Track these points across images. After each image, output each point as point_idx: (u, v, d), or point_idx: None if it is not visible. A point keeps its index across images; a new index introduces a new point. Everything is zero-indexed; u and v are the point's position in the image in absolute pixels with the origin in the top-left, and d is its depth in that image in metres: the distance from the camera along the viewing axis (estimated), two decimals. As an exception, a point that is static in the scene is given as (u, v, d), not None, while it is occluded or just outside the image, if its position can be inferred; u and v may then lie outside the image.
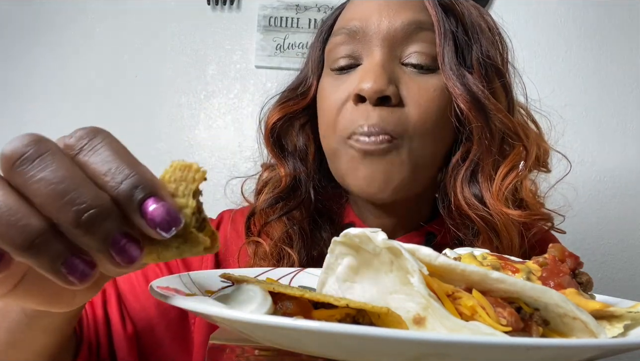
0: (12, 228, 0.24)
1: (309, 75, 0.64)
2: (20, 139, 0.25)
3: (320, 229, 0.62)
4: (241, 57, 1.33)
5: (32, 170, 0.24)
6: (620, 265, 1.21)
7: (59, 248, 0.24)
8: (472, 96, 0.53)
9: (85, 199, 0.24)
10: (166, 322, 0.59)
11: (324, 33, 0.63)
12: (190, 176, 0.28)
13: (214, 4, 1.33)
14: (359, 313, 0.31)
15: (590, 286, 0.37)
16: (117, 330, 0.55)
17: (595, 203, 1.23)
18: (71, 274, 0.24)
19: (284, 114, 0.63)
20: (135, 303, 0.58)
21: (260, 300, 0.30)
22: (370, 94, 0.52)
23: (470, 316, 0.29)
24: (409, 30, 0.54)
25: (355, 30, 0.56)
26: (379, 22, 0.55)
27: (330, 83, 0.58)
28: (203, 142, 1.32)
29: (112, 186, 0.25)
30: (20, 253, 0.24)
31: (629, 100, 1.25)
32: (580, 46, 1.27)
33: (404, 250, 0.30)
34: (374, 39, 0.55)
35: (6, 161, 0.25)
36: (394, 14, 0.55)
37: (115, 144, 0.27)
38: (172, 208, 0.26)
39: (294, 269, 0.50)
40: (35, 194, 0.24)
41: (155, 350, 0.59)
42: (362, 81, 0.53)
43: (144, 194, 0.25)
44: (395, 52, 0.55)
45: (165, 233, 0.26)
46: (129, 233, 0.25)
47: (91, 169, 0.26)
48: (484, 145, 0.54)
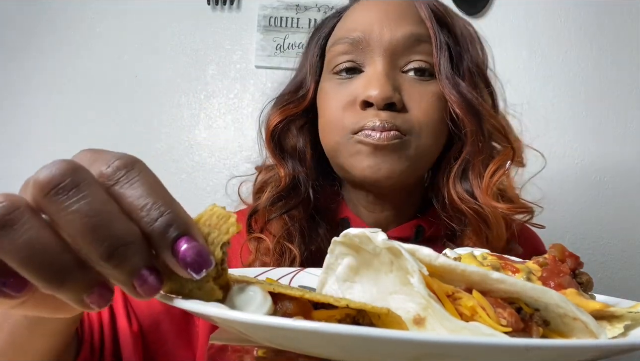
0: (44, 266, 0.24)
1: (306, 78, 0.67)
2: (56, 166, 0.25)
3: (318, 226, 0.65)
4: (241, 57, 1.33)
5: (67, 201, 0.24)
6: (620, 265, 1.21)
7: (84, 281, 0.25)
8: (467, 102, 0.58)
9: (117, 235, 0.24)
10: (170, 319, 0.60)
11: (322, 39, 0.67)
12: (225, 227, 0.28)
13: (214, 4, 1.33)
14: (359, 314, 0.31)
15: (590, 286, 0.37)
16: (123, 328, 0.56)
17: (595, 203, 1.23)
18: (93, 302, 0.25)
19: (284, 116, 0.66)
20: (140, 301, 0.58)
21: (260, 300, 0.29)
22: (377, 101, 0.56)
23: (470, 316, 0.29)
24: (409, 42, 0.59)
25: (358, 41, 0.60)
26: (380, 34, 0.59)
27: (332, 87, 0.62)
28: (203, 142, 1.32)
29: (147, 222, 0.25)
30: (49, 289, 0.24)
31: (629, 100, 1.25)
32: (580, 46, 1.27)
33: (404, 250, 0.30)
34: (377, 49, 0.59)
35: (41, 188, 0.24)
36: (394, 26, 0.59)
37: (152, 177, 0.27)
38: (204, 250, 0.26)
39: (294, 269, 0.50)
40: (68, 226, 0.24)
41: (160, 346, 0.59)
42: (369, 88, 0.57)
43: (178, 233, 0.26)
44: (396, 61, 0.59)
45: (196, 274, 0.26)
46: (154, 267, 0.26)
47: (127, 203, 0.26)
48: (477, 145, 0.60)
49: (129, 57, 1.35)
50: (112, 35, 1.35)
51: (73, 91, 1.35)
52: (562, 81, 1.27)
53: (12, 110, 1.35)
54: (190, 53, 1.34)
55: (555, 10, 1.28)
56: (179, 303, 0.29)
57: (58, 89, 1.35)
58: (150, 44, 1.35)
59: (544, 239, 0.81)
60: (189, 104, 1.33)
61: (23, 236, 0.24)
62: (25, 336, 0.39)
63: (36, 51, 1.36)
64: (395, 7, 0.61)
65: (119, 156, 0.27)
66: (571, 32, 1.27)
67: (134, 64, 1.34)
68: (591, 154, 1.25)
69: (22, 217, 0.24)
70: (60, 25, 1.36)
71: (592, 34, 1.27)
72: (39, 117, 1.35)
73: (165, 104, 1.33)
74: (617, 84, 1.25)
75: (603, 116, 1.25)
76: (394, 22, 0.59)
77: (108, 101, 1.34)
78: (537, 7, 1.28)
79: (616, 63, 1.26)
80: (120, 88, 1.34)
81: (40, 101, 1.35)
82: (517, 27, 1.29)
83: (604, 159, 1.24)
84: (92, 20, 1.36)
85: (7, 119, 1.35)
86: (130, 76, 1.34)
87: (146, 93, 1.33)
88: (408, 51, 0.59)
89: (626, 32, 1.26)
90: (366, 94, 0.57)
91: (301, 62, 0.70)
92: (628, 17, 1.26)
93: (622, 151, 1.24)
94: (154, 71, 1.34)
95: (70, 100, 1.34)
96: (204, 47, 1.34)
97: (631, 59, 1.25)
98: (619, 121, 1.25)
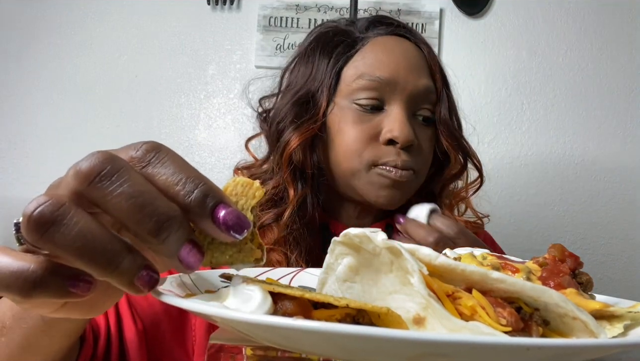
0: (99, 254, 0.25)
1: (319, 97, 0.70)
2: (95, 156, 0.26)
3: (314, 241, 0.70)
4: (241, 57, 1.33)
5: (111, 185, 0.26)
6: (620, 265, 1.21)
7: (133, 264, 0.26)
8: (459, 144, 0.73)
9: (162, 211, 0.26)
10: (169, 318, 0.62)
11: (340, 62, 0.70)
12: (250, 192, 0.30)
13: (214, 4, 1.33)
14: (359, 313, 0.31)
15: (590, 286, 0.37)
16: (128, 327, 0.58)
17: (595, 202, 1.23)
18: (143, 285, 0.26)
19: (303, 139, 0.68)
20: (142, 300, 0.60)
21: (260, 300, 0.29)
22: (403, 142, 0.66)
23: (470, 316, 0.29)
24: (425, 93, 0.69)
25: (387, 82, 0.67)
26: (406, 80, 0.68)
27: (354, 117, 0.68)
28: (203, 142, 1.32)
29: (184, 195, 0.27)
30: (105, 274, 0.26)
31: (629, 100, 1.25)
32: (580, 46, 1.27)
33: (404, 250, 0.30)
34: (400, 93, 0.68)
35: (85, 178, 0.26)
36: (417, 76, 0.69)
37: (178, 157, 0.29)
38: (241, 213, 0.28)
39: (294, 269, 0.50)
40: (115, 208, 0.26)
41: (159, 345, 0.61)
42: (395, 130, 0.66)
43: (215, 201, 0.27)
44: (412, 107, 0.69)
45: (239, 235, 0.28)
46: (195, 240, 0.27)
47: (162, 180, 0.27)
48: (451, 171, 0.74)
49: (129, 57, 1.35)
50: (112, 35, 1.35)
51: (73, 90, 1.35)
52: (562, 81, 1.27)
53: (13, 110, 1.35)
54: (190, 53, 1.34)
55: (555, 11, 1.28)
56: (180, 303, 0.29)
57: (58, 89, 1.35)
58: (150, 44, 1.35)
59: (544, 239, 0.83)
60: (189, 104, 1.34)
61: (74, 228, 0.25)
62: (40, 339, 0.40)
63: (36, 51, 1.36)
64: (415, 57, 0.71)
65: (144, 142, 0.29)
66: (571, 32, 1.27)
67: (134, 64, 1.34)
68: (591, 154, 1.25)
69: (69, 211, 0.25)
70: (61, 25, 1.36)
71: (592, 34, 1.27)
72: (40, 117, 1.35)
73: (165, 104, 1.33)
74: (617, 84, 1.25)
75: (603, 116, 1.25)
76: (416, 72, 0.69)
77: (108, 101, 1.34)
78: (537, 7, 1.28)
79: (616, 63, 1.26)
80: (120, 88, 1.34)
81: (40, 101, 1.35)
82: (517, 27, 1.29)
83: (604, 159, 1.24)
84: (92, 20, 1.36)
85: (8, 119, 1.35)
86: (130, 76, 1.34)
87: (146, 93, 1.33)
88: (422, 100, 0.69)
89: (626, 32, 1.26)
90: (393, 135, 0.66)
91: (304, 74, 0.72)
92: (628, 17, 1.26)
93: (622, 151, 1.24)
94: (154, 71, 1.34)
95: (71, 100, 1.34)
96: (204, 47, 1.34)
97: (631, 59, 1.25)
98: (619, 121, 1.25)
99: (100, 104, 1.33)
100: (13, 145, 1.34)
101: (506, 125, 1.27)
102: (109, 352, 0.55)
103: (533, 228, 1.23)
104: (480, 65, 1.29)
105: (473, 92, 1.26)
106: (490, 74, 1.29)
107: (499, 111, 1.28)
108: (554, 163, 1.25)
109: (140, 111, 1.33)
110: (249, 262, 0.30)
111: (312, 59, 0.72)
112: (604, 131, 1.25)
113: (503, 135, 1.27)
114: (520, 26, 1.29)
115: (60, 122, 1.33)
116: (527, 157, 1.27)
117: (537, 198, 1.25)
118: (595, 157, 1.24)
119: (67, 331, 0.41)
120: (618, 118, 1.25)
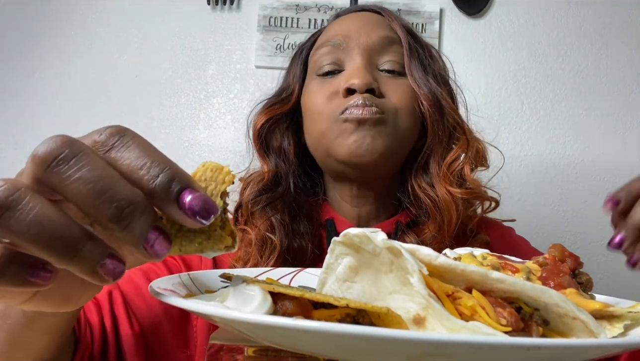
0: (56, 240, 0.24)
1: (290, 84, 0.74)
2: (53, 140, 0.26)
3: (299, 223, 0.69)
4: (241, 57, 1.33)
5: (69, 170, 0.25)
6: (620, 265, 1.20)
7: (96, 251, 0.25)
8: (433, 95, 0.67)
9: (123, 196, 0.25)
10: (169, 319, 0.61)
11: (305, 51, 0.75)
12: (220, 177, 0.30)
13: (214, 4, 1.33)
14: (359, 313, 0.31)
15: (590, 286, 0.37)
16: (124, 329, 0.57)
17: (595, 202, 1.23)
18: (107, 274, 0.26)
19: (270, 116, 0.72)
20: (141, 302, 0.59)
21: (260, 300, 0.29)
22: (360, 87, 0.63)
23: (470, 316, 0.29)
24: (384, 43, 0.68)
25: (339, 43, 0.68)
26: (358, 37, 0.68)
27: (316, 85, 0.69)
28: (203, 142, 1.32)
29: (149, 180, 0.26)
30: (63, 262, 0.25)
31: (629, 100, 1.25)
32: (580, 46, 1.27)
33: (404, 250, 0.30)
34: (355, 48, 0.67)
35: (42, 162, 0.25)
36: (371, 30, 0.69)
37: (144, 141, 0.28)
38: (208, 198, 0.27)
39: (294, 269, 0.50)
40: (74, 193, 0.25)
41: (159, 347, 0.60)
42: (351, 78, 0.64)
43: (180, 186, 0.26)
44: (373, 60, 0.68)
45: (205, 220, 0.27)
46: (161, 227, 0.27)
47: (125, 165, 0.26)
48: (437, 136, 0.68)
49: (129, 57, 1.35)
50: (112, 35, 1.35)
51: (73, 90, 1.35)
52: (562, 81, 1.27)
53: (13, 110, 1.35)
54: (190, 53, 1.34)
55: (555, 10, 1.28)
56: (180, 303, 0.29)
57: (58, 89, 1.35)
58: (150, 44, 1.34)
59: (544, 239, 0.82)
60: (189, 104, 1.33)
61: (29, 214, 0.24)
62: (25, 334, 0.39)
63: (36, 51, 1.36)
64: (370, 18, 0.71)
65: (109, 126, 0.28)
66: (571, 32, 1.27)
67: (134, 64, 1.34)
68: (591, 154, 1.25)
69: (25, 196, 0.25)
70: (61, 25, 1.36)
71: (592, 34, 1.27)
72: (40, 117, 1.34)
73: (165, 104, 1.33)
74: (617, 84, 1.25)
75: (603, 116, 1.25)
76: (370, 28, 0.69)
77: (108, 101, 1.34)
78: (537, 7, 1.28)
79: (616, 63, 1.26)
80: (120, 88, 1.34)
81: (40, 100, 1.35)
82: (517, 27, 1.29)
83: (604, 159, 1.24)
84: (92, 20, 1.36)
85: (8, 119, 1.35)
86: (130, 76, 1.34)
87: (146, 93, 1.33)
88: (383, 50, 0.68)
89: (626, 32, 1.26)
90: (349, 83, 0.64)
91: (285, 75, 0.78)
92: (628, 17, 1.26)
93: (622, 151, 1.24)
94: (154, 71, 1.34)
95: (71, 100, 1.34)
96: (204, 47, 1.34)
97: (631, 59, 1.25)
98: (619, 121, 1.25)
99: (100, 104, 1.33)
100: (13, 145, 1.34)
101: (506, 125, 1.27)
102: (106, 353, 0.55)
103: (533, 228, 1.23)
104: (480, 65, 1.29)
105: (473, 92, 1.26)
106: (490, 74, 1.29)
107: (499, 111, 1.28)
108: (554, 163, 1.25)
109: (140, 111, 1.33)
110: (219, 249, 0.29)
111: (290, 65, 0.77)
112: (604, 131, 1.25)
113: (503, 135, 1.27)
114: (520, 26, 1.29)
115: (60, 122, 1.33)
116: (527, 157, 1.27)
117: (537, 198, 1.25)
118: (595, 157, 1.24)
119: (50, 327, 0.41)
120: (618, 118, 1.25)
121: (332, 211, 0.72)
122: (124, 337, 0.56)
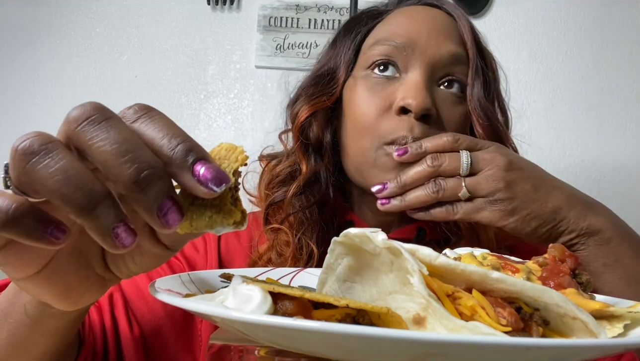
0: (78, 191, 0.26)
1: (338, 72, 0.66)
2: (85, 105, 0.28)
3: (328, 225, 0.65)
4: (241, 57, 1.33)
5: (97, 130, 0.27)
6: (620, 265, 1.21)
7: (113, 212, 0.26)
8: (493, 127, 0.62)
9: (144, 160, 0.27)
10: (172, 323, 0.60)
11: (360, 35, 0.66)
12: (234, 156, 0.31)
13: (214, 4, 1.33)
14: (359, 313, 0.31)
15: (590, 286, 0.37)
16: (124, 333, 0.56)
17: (595, 203, 1.23)
18: (119, 237, 0.27)
19: (314, 110, 0.65)
20: (142, 305, 0.58)
21: (260, 300, 0.29)
22: (417, 111, 0.57)
23: (470, 316, 0.29)
24: (450, 61, 0.61)
25: (403, 47, 0.61)
26: (426, 45, 0.60)
27: (367, 87, 0.62)
28: (203, 142, 1.29)
29: (169, 148, 0.28)
30: (82, 215, 0.26)
31: (629, 100, 1.25)
32: (580, 46, 1.27)
33: (404, 250, 0.30)
34: (419, 58, 0.60)
35: (73, 122, 0.27)
36: (441, 41, 0.61)
37: (168, 118, 0.30)
38: (220, 169, 0.29)
39: (294, 269, 0.50)
40: (99, 151, 0.26)
41: (162, 351, 0.59)
42: (408, 97, 0.58)
43: (196, 157, 0.28)
44: (434, 75, 0.61)
45: (217, 188, 0.28)
46: (174, 197, 0.28)
47: (148, 135, 0.28)
48: None
49: (129, 57, 1.35)
50: (112, 35, 1.35)
51: (73, 90, 1.35)
52: (562, 81, 1.27)
53: (13, 110, 1.35)
54: (190, 53, 1.34)
55: (555, 10, 1.28)
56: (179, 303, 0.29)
57: (58, 89, 1.35)
58: (150, 44, 1.35)
59: None
60: (189, 104, 1.34)
61: (58, 163, 0.26)
62: (26, 336, 0.39)
63: (36, 51, 1.36)
64: (442, 22, 0.63)
65: (138, 103, 0.30)
66: (571, 32, 1.27)
67: (134, 64, 1.34)
68: (591, 154, 1.25)
69: (55, 148, 0.26)
70: (61, 25, 1.36)
71: (592, 34, 1.27)
72: (40, 117, 1.35)
73: (165, 104, 1.33)
74: (617, 84, 1.25)
75: (603, 116, 1.25)
76: (441, 37, 0.61)
77: (108, 101, 1.33)
78: (537, 7, 1.28)
79: (616, 63, 1.26)
80: (120, 88, 1.34)
81: (40, 100, 1.35)
82: (517, 27, 1.29)
83: (604, 159, 1.24)
84: (92, 20, 1.36)
85: (8, 119, 1.35)
86: (131, 76, 1.34)
87: (146, 93, 1.33)
88: (447, 68, 0.61)
89: (626, 32, 1.26)
90: (406, 102, 0.57)
91: (329, 54, 0.69)
92: (628, 17, 1.26)
93: (622, 150, 1.24)
94: (154, 71, 1.34)
95: (71, 100, 1.34)
96: (204, 47, 1.34)
97: (631, 59, 1.25)
98: (619, 121, 1.25)
99: (100, 104, 1.33)
100: (13, 145, 1.34)
101: (506, 125, 1.27)
102: (107, 355, 0.55)
103: (533, 228, 1.23)
104: (480, 65, 1.29)
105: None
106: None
107: (499, 111, 1.28)
108: (554, 163, 1.25)
109: (140, 111, 1.33)
110: (228, 224, 0.30)
111: (338, 39, 0.69)
112: (604, 131, 1.25)
113: (503, 135, 1.27)
114: (520, 26, 1.29)
115: (60, 122, 1.33)
116: (527, 157, 1.27)
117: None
118: (595, 158, 1.24)
119: (52, 330, 0.40)
120: (618, 118, 1.25)
121: (352, 214, 0.68)
122: (123, 340, 0.56)
